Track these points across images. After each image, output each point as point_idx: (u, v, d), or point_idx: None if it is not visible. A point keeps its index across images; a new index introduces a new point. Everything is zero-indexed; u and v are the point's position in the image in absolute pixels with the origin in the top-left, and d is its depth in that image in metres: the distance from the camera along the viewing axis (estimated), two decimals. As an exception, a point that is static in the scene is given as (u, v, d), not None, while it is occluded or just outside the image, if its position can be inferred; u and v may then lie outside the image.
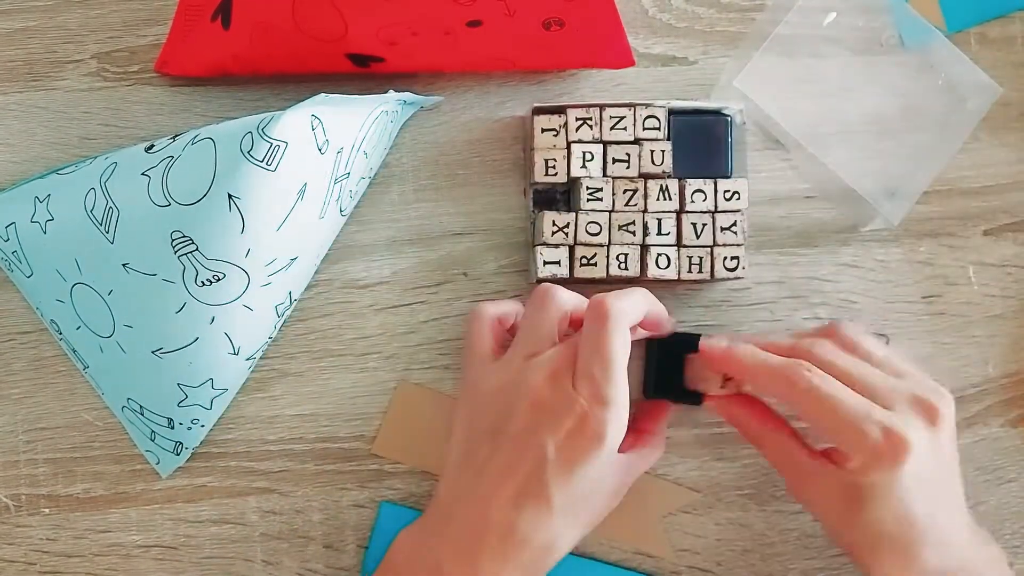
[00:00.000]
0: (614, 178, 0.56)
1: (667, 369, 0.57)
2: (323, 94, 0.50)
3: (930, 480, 0.50)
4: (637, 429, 0.56)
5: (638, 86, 0.60)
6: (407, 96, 0.55)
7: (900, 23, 0.61)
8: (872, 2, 0.61)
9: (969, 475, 0.60)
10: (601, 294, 0.51)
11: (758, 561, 0.60)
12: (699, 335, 0.56)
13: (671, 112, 0.57)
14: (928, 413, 0.51)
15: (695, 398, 0.56)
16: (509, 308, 0.56)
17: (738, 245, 0.57)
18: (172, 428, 0.56)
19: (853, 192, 0.58)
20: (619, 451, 0.51)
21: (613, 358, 0.50)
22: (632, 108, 0.57)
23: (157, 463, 0.58)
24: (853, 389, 0.51)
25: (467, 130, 0.60)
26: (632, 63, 0.58)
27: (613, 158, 0.57)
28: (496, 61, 0.57)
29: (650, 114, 0.57)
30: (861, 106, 0.61)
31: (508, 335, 0.56)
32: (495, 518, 0.49)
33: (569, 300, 0.53)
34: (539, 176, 0.56)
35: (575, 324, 0.53)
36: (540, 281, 0.57)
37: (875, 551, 0.50)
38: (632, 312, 0.52)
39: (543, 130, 0.56)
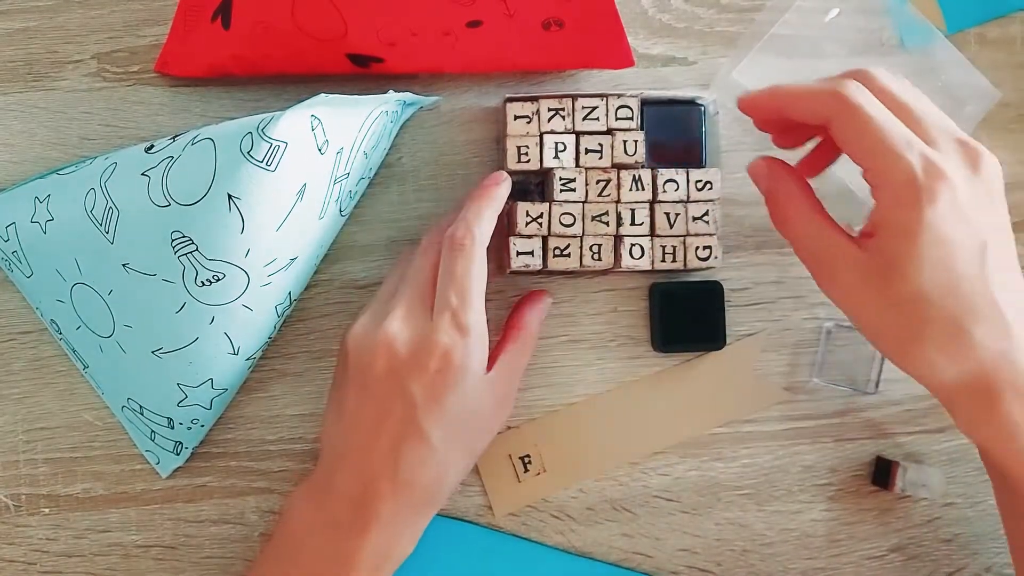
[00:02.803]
0: (587, 168, 0.56)
1: (674, 318, 0.58)
2: (323, 94, 0.50)
3: (973, 235, 0.45)
4: (504, 327, 0.56)
5: (638, 86, 0.60)
6: (407, 96, 0.55)
7: (900, 23, 0.61)
8: (872, 2, 0.61)
9: (969, 475, 0.61)
10: (460, 219, 0.52)
11: (757, 561, 0.60)
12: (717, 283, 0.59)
13: (644, 102, 0.57)
14: (970, 157, 0.47)
15: (713, 343, 0.58)
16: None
17: (710, 235, 0.57)
18: (172, 428, 0.56)
19: (850, 192, 0.58)
20: (490, 354, 0.52)
21: (470, 285, 0.51)
22: (604, 98, 0.57)
23: (157, 463, 0.58)
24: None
25: (467, 130, 0.60)
26: (632, 63, 0.58)
27: (586, 148, 0.56)
28: (496, 61, 0.57)
29: (623, 104, 0.57)
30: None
31: None
32: (378, 467, 0.50)
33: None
34: (512, 163, 0.56)
35: None
36: (514, 272, 0.57)
37: (919, 336, 0.46)
38: (487, 232, 0.52)
39: (516, 117, 0.56)
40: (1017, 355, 0.46)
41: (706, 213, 0.57)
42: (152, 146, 0.51)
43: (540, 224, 0.56)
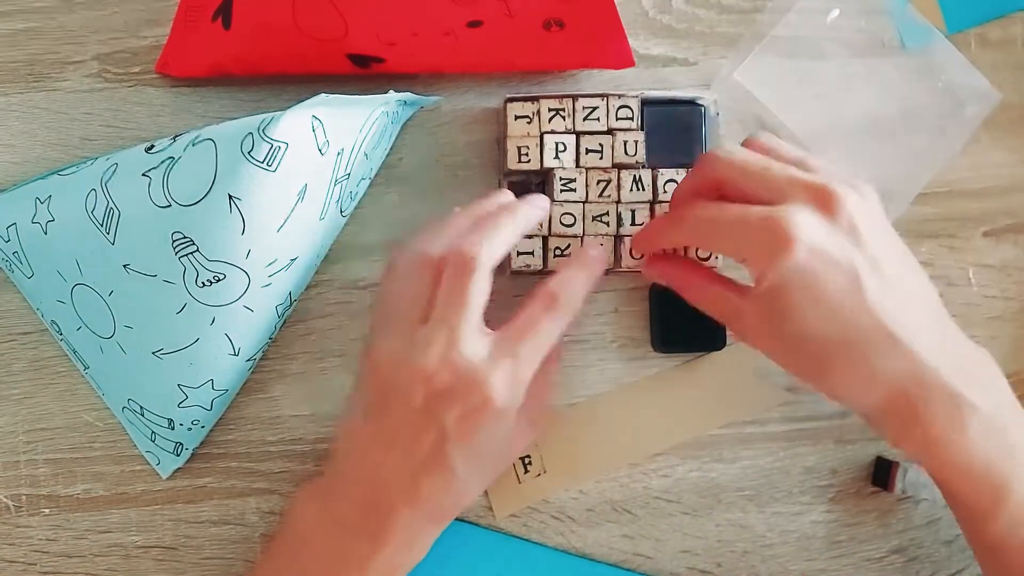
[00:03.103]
0: (587, 169, 0.56)
1: (674, 319, 0.58)
2: (323, 94, 0.50)
3: (842, 270, 0.47)
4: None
5: (638, 87, 0.60)
6: (407, 96, 0.55)
7: (900, 24, 0.61)
8: (873, 3, 0.61)
9: (969, 476, 0.60)
10: (471, 234, 0.50)
11: (758, 562, 0.60)
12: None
13: (645, 102, 0.57)
14: (821, 200, 0.48)
15: (713, 344, 0.58)
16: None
17: None
18: (172, 429, 0.56)
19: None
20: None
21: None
22: (605, 98, 0.57)
23: (157, 464, 0.58)
24: (747, 188, 0.49)
25: (467, 130, 0.60)
26: (632, 64, 0.58)
27: (586, 148, 0.56)
28: (496, 61, 0.57)
29: (623, 104, 0.57)
30: (860, 107, 0.61)
31: None
32: (397, 487, 0.50)
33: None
34: (512, 163, 0.56)
35: None
36: (514, 272, 0.57)
37: (824, 371, 0.48)
38: (500, 252, 0.51)
39: (516, 117, 0.56)
40: (925, 375, 0.48)
41: None
42: (153, 147, 0.51)
43: (541, 224, 0.56)
